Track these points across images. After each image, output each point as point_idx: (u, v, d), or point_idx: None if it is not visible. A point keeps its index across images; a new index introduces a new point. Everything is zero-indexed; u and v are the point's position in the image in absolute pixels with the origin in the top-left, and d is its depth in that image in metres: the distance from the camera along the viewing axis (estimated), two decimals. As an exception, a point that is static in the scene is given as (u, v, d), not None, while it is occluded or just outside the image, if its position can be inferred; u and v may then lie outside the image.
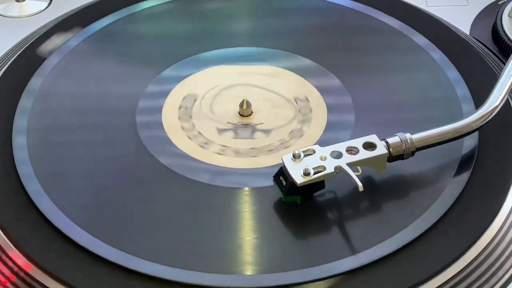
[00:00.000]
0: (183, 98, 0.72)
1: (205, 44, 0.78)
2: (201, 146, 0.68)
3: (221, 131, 0.70)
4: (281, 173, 0.62)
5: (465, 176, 0.65)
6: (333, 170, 0.62)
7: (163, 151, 0.68)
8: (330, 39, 0.78)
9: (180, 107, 0.71)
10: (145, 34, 0.79)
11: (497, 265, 0.61)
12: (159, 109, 0.72)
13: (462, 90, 0.71)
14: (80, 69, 0.75)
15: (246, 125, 0.71)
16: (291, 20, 0.80)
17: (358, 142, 0.63)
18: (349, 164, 0.62)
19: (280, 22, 0.80)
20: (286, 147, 0.68)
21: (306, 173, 0.61)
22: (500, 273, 0.61)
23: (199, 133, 0.70)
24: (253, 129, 0.70)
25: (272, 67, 0.75)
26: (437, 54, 0.75)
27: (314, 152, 0.63)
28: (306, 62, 0.76)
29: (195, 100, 0.72)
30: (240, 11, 0.81)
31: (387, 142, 0.63)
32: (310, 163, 0.62)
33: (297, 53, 0.76)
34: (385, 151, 0.63)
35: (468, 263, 0.60)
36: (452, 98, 0.71)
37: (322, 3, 0.81)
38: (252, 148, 0.69)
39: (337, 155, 0.63)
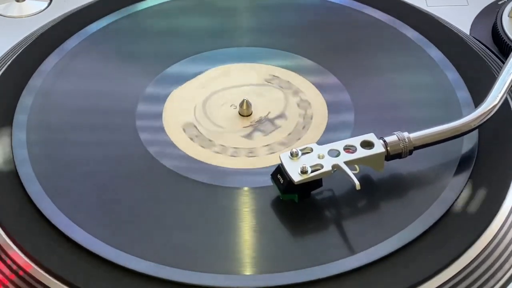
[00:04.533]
0: (184, 131, 0.71)
1: (205, 44, 0.78)
2: (250, 156, 0.68)
3: (248, 136, 0.70)
4: (279, 171, 0.62)
5: (465, 175, 0.65)
6: (330, 168, 0.62)
7: (162, 151, 0.68)
8: (330, 39, 0.78)
9: (192, 139, 0.70)
10: (145, 34, 0.79)
11: (497, 265, 0.61)
12: (159, 109, 0.72)
13: (461, 90, 0.71)
14: (80, 69, 0.75)
15: (259, 121, 0.71)
16: (290, 20, 0.80)
17: (356, 141, 0.64)
18: (346, 163, 0.62)
19: (279, 21, 0.80)
20: (311, 118, 0.70)
21: (304, 171, 0.61)
22: (500, 273, 0.61)
23: (236, 148, 0.69)
24: (269, 121, 0.70)
25: (220, 67, 0.75)
26: (436, 54, 0.75)
27: (312, 150, 0.63)
28: (306, 62, 0.76)
29: (196, 127, 0.71)
30: (240, 11, 0.81)
31: (384, 141, 0.63)
32: (308, 161, 0.62)
33: (297, 53, 0.76)
34: (382, 149, 0.63)
35: (468, 263, 0.60)
36: (451, 98, 0.71)
37: (322, 2, 0.81)
38: (289, 134, 0.69)
39: (335, 154, 0.63)
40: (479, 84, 0.71)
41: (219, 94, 0.73)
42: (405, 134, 0.64)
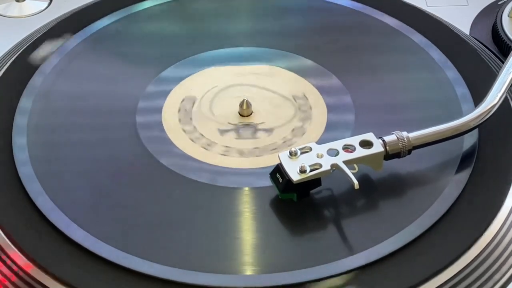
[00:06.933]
0: (182, 101, 0.72)
1: (206, 44, 0.78)
2: (204, 148, 0.68)
3: (222, 132, 0.70)
4: (278, 170, 0.62)
5: (465, 175, 0.65)
6: (329, 167, 0.62)
7: (163, 151, 0.68)
8: (330, 39, 0.78)
9: (179, 110, 0.71)
10: (145, 34, 0.79)
11: (497, 265, 0.61)
12: (159, 109, 0.72)
13: (461, 90, 0.71)
14: (80, 69, 0.75)
15: (247, 125, 0.71)
16: (290, 20, 0.80)
17: (354, 140, 0.64)
18: (345, 162, 0.62)
19: (280, 22, 0.80)
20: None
21: (302, 171, 0.61)
22: (500, 273, 0.61)
23: (201, 135, 0.69)
24: (254, 128, 0.70)
25: (268, 66, 0.75)
26: (437, 54, 0.75)
27: (311, 149, 0.63)
28: (306, 62, 0.76)
29: (194, 102, 0.72)
30: (240, 11, 0.81)
31: (383, 140, 0.63)
32: (307, 160, 0.62)
33: (297, 53, 0.76)
34: (381, 149, 0.63)
35: (468, 263, 0.60)
36: (452, 98, 0.71)
37: (322, 3, 0.81)
38: (256, 148, 0.68)
39: (334, 153, 0.63)
40: (479, 84, 0.71)
41: (243, 88, 0.74)
42: (404, 133, 0.64)
